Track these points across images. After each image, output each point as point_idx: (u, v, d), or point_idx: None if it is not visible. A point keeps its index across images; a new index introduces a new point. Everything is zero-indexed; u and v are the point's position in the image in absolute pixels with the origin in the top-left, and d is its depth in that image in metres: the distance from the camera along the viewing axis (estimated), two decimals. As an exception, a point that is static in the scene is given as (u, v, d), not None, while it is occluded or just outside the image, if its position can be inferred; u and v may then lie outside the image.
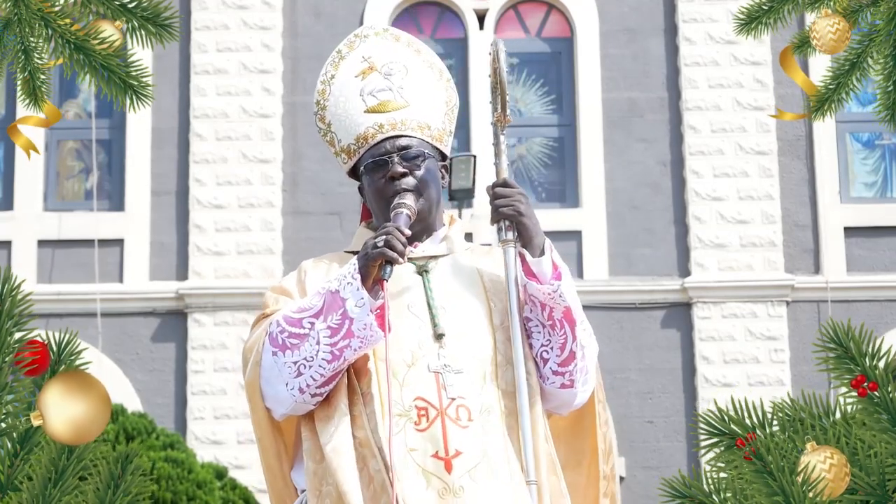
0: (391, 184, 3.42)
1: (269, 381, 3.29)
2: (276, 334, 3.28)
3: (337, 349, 3.22)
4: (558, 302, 3.32)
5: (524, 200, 3.37)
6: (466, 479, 3.21)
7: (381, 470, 3.19)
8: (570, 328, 3.34)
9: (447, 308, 3.36)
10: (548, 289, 3.30)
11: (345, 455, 3.20)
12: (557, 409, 3.45)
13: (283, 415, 3.32)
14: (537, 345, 3.37)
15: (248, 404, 3.39)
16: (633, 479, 13.55)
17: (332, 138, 3.56)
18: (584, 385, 3.41)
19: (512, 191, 3.38)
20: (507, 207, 3.35)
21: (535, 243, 3.35)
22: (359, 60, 3.55)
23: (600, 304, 13.51)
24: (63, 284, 13.93)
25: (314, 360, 3.23)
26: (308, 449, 3.29)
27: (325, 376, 3.24)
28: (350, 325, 3.22)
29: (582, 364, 3.37)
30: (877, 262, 14.18)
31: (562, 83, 14.75)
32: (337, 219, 14.20)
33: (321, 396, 3.28)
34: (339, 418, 3.25)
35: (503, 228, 3.37)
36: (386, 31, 3.61)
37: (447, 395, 3.27)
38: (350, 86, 3.53)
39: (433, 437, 3.24)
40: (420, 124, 3.49)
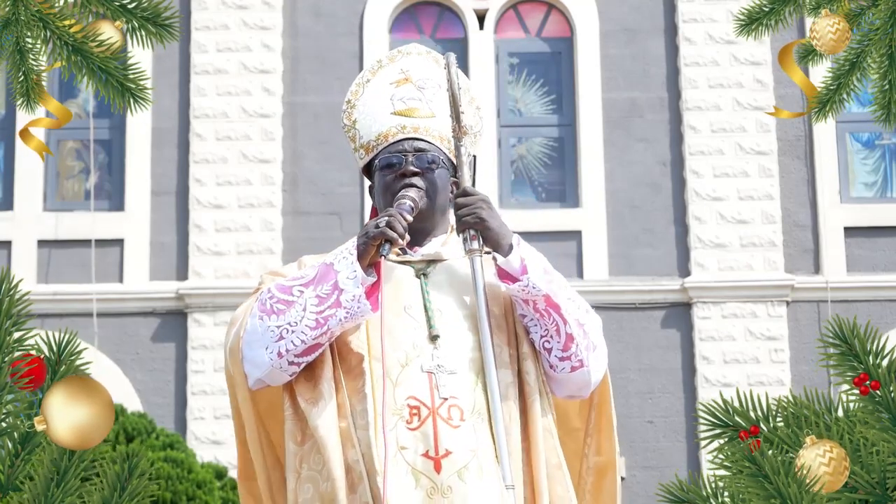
0: (401, 180, 3.47)
1: (250, 343, 3.34)
2: (265, 300, 3.35)
3: (322, 317, 3.27)
4: (533, 294, 3.35)
5: (485, 206, 3.40)
6: (455, 479, 3.24)
7: (360, 461, 3.23)
8: (557, 313, 3.37)
9: (443, 311, 3.41)
10: (517, 286, 3.35)
11: (333, 444, 3.25)
12: (578, 392, 3.48)
13: (258, 380, 3.35)
14: (537, 338, 3.41)
15: (229, 371, 3.42)
16: (632, 479, 13.55)
17: (354, 135, 3.63)
18: (596, 362, 3.44)
19: (472, 199, 3.41)
20: (469, 216, 3.39)
21: (502, 245, 3.39)
22: (397, 71, 3.64)
23: (600, 305, 13.50)
24: (63, 284, 13.93)
25: (297, 325, 3.28)
26: (290, 430, 3.34)
27: (306, 343, 3.29)
28: (339, 295, 3.27)
29: (585, 341, 3.41)
30: (877, 262, 14.17)
31: (562, 83, 14.75)
32: (337, 219, 14.20)
33: (297, 367, 3.32)
34: (325, 405, 3.29)
35: (468, 238, 3.40)
36: (429, 53, 3.70)
37: (440, 394, 3.30)
38: (383, 90, 3.61)
39: (424, 435, 3.27)
40: (441, 135, 3.55)
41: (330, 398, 3.30)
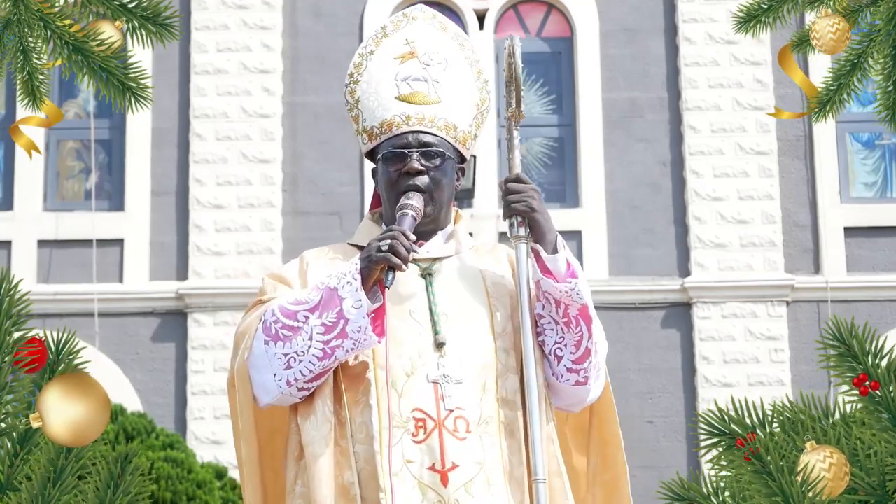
0: (405, 178, 3.39)
1: (257, 368, 3.27)
2: (269, 323, 3.26)
3: (329, 347, 3.20)
4: (575, 299, 3.29)
5: (537, 196, 3.34)
6: (462, 492, 3.19)
7: (355, 483, 3.17)
8: (587, 325, 3.32)
9: (449, 315, 3.33)
10: (564, 287, 3.27)
11: (322, 462, 3.18)
12: (569, 407, 3.44)
13: (268, 404, 3.30)
14: (550, 342, 3.34)
15: (236, 390, 3.34)
16: (632, 479, 13.44)
17: (357, 115, 3.52)
18: (597, 382, 3.40)
19: (525, 186, 3.35)
20: (519, 203, 3.32)
21: (547, 239, 3.32)
22: (401, 42, 3.52)
23: (600, 304, 13.42)
24: (63, 284, 13.92)
25: (305, 355, 3.21)
26: (290, 446, 3.29)
27: (314, 373, 3.22)
28: (345, 325, 3.19)
29: (595, 360, 3.36)
30: (877, 262, 14.17)
31: (562, 83, 14.75)
32: (337, 219, 14.19)
33: (308, 391, 3.26)
34: (320, 423, 3.23)
35: (515, 224, 3.34)
36: (434, 17, 3.57)
37: (445, 406, 3.24)
38: (387, 67, 3.49)
39: (430, 448, 3.21)
40: (447, 124, 3.45)
41: (323, 415, 3.24)
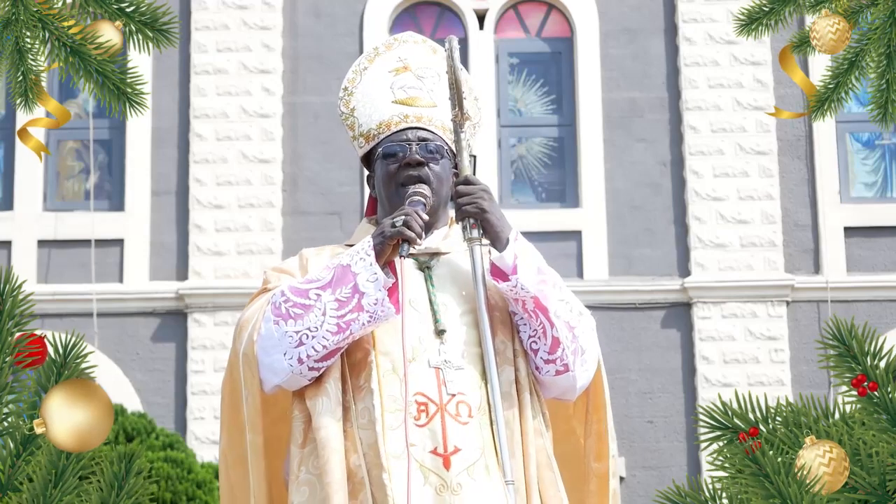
0: (405, 170, 3.41)
1: (266, 349, 3.25)
2: (279, 303, 3.26)
3: (344, 322, 3.20)
4: (521, 294, 3.30)
5: (487, 197, 3.35)
6: (465, 476, 3.20)
7: (362, 465, 3.17)
8: (545, 315, 3.31)
9: (448, 305, 3.35)
10: (506, 286, 3.30)
11: (333, 445, 3.18)
12: (562, 396, 3.43)
13: (275, 386, 3.28)
14: (525, 337, 3.35)
15: (241, 375, 3.31)
16: (633, 479, 13.55)
17: (353, 123, 3.54)
18: (582, 366, 3.38)
19: (474, 188, 3.36)
20: (469, 205, 3.33)
21: (500, 238, 3.33)
22: (395, 59, 3.56)
23: (600, 304, 13.50)
24: (63, 284, 13.92)
25: (318, 330, 3.21)
26: (293, 432, 3.27)
27: (327, 348, 3.22)
28: (360, 298, 3.20)
29: (573, 345, 3.35)
30: (877, 262, 14.17)
31: (562, 83, 14.75)
32: (337, 219, 14.19)
33: (317, 371, 3.25)
34: (334, 407, 3.23)
35: (468, 227, 3.35)
36: (425, 41, 3.64)
37: (447, 391, 3.26)
38: (381, 78, 3.53)
39: (433, 432, 3.22)
40: (444, 125, 3.48)
41: (336, 398, 3.24)
